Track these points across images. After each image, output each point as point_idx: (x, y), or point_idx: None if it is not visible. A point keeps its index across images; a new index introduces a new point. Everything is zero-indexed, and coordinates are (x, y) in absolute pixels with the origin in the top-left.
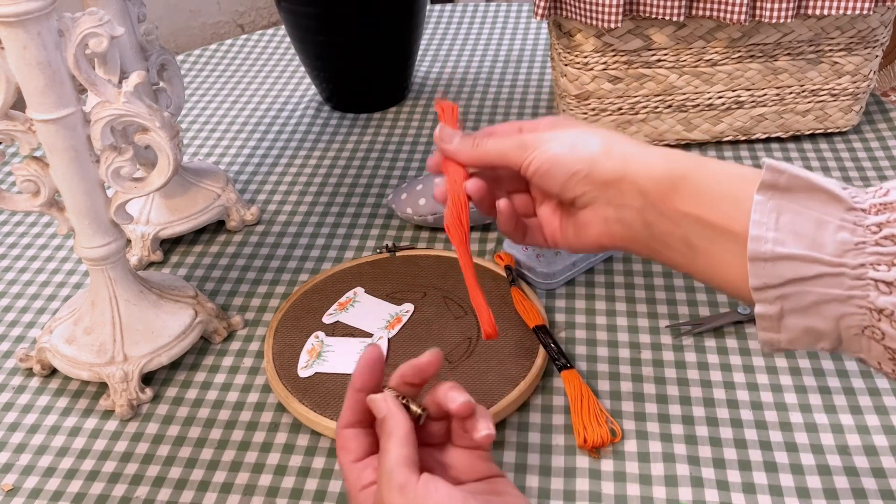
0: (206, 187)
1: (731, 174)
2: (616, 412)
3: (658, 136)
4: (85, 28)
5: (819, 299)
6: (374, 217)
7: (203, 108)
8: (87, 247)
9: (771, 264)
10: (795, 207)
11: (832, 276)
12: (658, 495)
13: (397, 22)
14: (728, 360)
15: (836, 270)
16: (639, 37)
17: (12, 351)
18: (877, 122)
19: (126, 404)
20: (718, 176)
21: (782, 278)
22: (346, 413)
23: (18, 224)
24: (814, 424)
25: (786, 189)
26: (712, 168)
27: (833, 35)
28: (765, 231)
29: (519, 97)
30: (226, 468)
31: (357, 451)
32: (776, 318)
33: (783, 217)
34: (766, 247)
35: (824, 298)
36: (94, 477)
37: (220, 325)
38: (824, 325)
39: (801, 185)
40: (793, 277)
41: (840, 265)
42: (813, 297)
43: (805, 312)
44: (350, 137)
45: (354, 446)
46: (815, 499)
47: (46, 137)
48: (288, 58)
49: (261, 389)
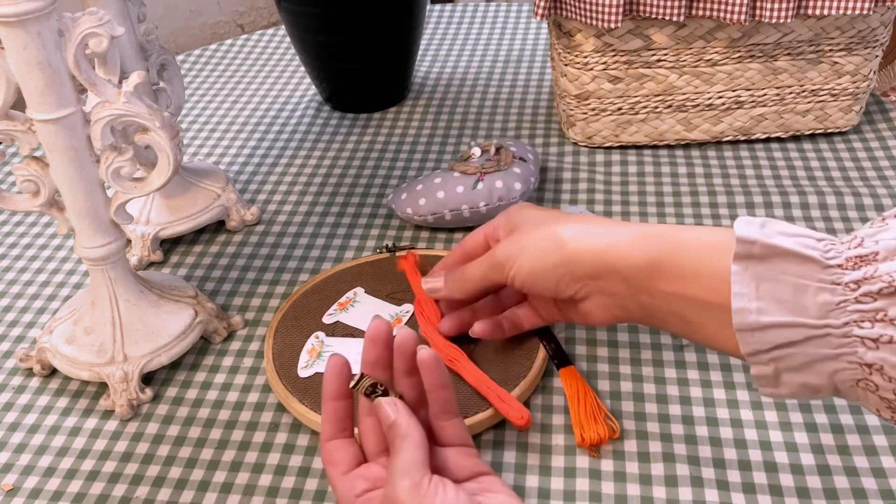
0: (206, 187)
1: (706, 245)
2: (616, 412)
3: (658, 136)
4: (85, 28)
5: (810, 359)
6: (374, 217)
7: (203, 108)
8: (87, 247)
9: (759, 333)
10: (773, 274)
11: (819, 338)
12: (658, 495)
13: (397, 22)
14: (728, 360)
15: (822, 332)
16: (639, 37)
17: (12, 351)
18: (877, 122)
19: (126, 404)
20: (693, 250)
21: (771, 344)
22: (326, 427)
23: (18, 224)
24: (814, 424)
25: (760, 257)
26: (686, 242)
27: (833, 35)
28: (747, 302)
29: (519, 97)
30: (226, 468)
31: (345, 463)
32: (772, 377)
33: (763, 285)
34: (750, 318)
35: (815, 358)
36: (94, 477)
37: (220, 325)
38: (819, 381)
39: (774, 252)
40: (781, 342)
41: (825, 326)
42: (804, 357)
43: (799, 371)
44: (350, 137)
45: (341, 458)
46: (816, 499)
47: (46, 137)
48: (288, 58)
49: (261, 389)
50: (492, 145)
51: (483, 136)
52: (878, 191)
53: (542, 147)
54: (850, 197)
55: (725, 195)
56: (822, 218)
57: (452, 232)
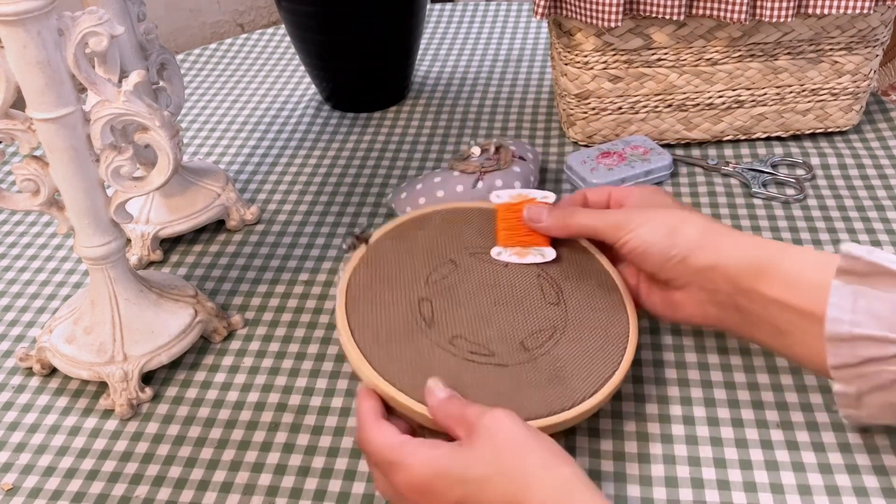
0: (205, 187)
1: (812, 261)
2: (616, 412)
3: (658, 136)
4: (85, 27)
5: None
6: (374, 217)
7: (203, 108)
8: (87, 246)
9: (848, 344)
10: (873, 291)
11: None
12: (658, 496)
13: (397, 22)
14: (728, 360)
15: None
16: (639, 36)
17: (12, 350)
18: (877, 121)
19: (126, 404)
20: (800, 263)
21: (860, 357)
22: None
23: (18, 224)
24: (815, 423)
25: (863, 275)
26: (794, 255)
27: (833, 34)
28: (842, 313)
29: (519, 97)
30: (225, 467)
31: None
32: (854, 396)
33: (860, 300)
34: (843, 328)
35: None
36: (93, 476)
37: (219, 325)
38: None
39: (878, 271)
40: (870, 357)
41: None
42: (891, 375)
43: (884, 389)
44: (350, 137)
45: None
46: (817, 495)
47: (46, 136)
48: (288, 57)
49: (261, 389)
50: (491, 144)
51: (483, 136)
52: (879, 192)
53: (542, 146)
54: (850, 199)
55: (726, 195)
56: (822, 218)
57: None
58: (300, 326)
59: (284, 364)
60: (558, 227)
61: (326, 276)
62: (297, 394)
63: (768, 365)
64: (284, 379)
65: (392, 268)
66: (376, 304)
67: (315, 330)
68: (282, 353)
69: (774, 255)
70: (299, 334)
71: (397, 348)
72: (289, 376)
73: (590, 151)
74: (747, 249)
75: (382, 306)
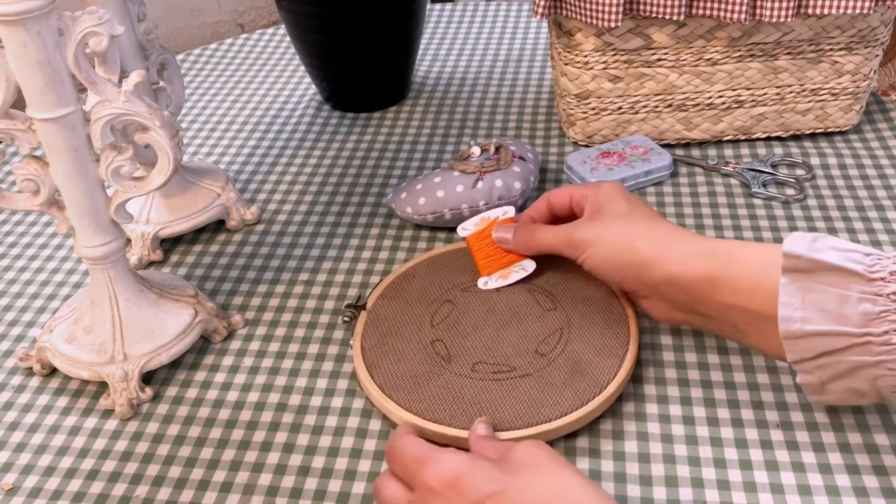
0: (205, 186)
1: (761, 262)
2: (616, 412)
3: (658, 136)
4: (85, 27)
5: (853, 366)
6: (374, 217)
7: (203, 108)
8: (87, 246)
9: (804, 341)
10: (818, 286)
11: (860, 346)
12: (658, 496)
13: (397, 21)
14: (728, 360)
15: (862, 340)
16: (639, 36)
17: (12, 350)
18: (877, 121)
19: (126, 403)
20: (749, 266)
21: (815, 351)
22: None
23: (18, 224)
24: (815, 423)
25: (807, 271)
26: (743, 259)
27: (833, 34)
28: (792, 311)
29: (519, 97)
30: (225, 467)
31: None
32: (818, 385)
33: (808, 296)
34: (795, 326)
35: (857, 365)
36: (93, 476)
37: (220, 325)
38: (863, 386)
39: (820, 266)
40: (825, 350)
41: (866, 335)
42: (846, 364)
43: (843, 377)
44: (350, 137)
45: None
46: (817, 496)
47: (46, 136)
48: (288, 57)
49: (261, 389)
50: (491, 144)
51: (483, 136)
52: (879, 192)
53: (542, 146)
54: (850, 199)
55: (726, 195)
56: (822, 218)
57: (452, 231)
58: (300, 326)
59: (284, 364)
60: (524, 248)
61: (326, 276)
62: (297, 394)
63: (768, 365)
64: (284, 379)
65: (396, 322)
66: (394, 358)
67: (315, 330)
68: (282, 353)
69: (723, 262)
70: (299, 334)
71: (426, 389)
72: (289, 376)
73: (590, 151)
74: (697, 261)
75: (400, 358)
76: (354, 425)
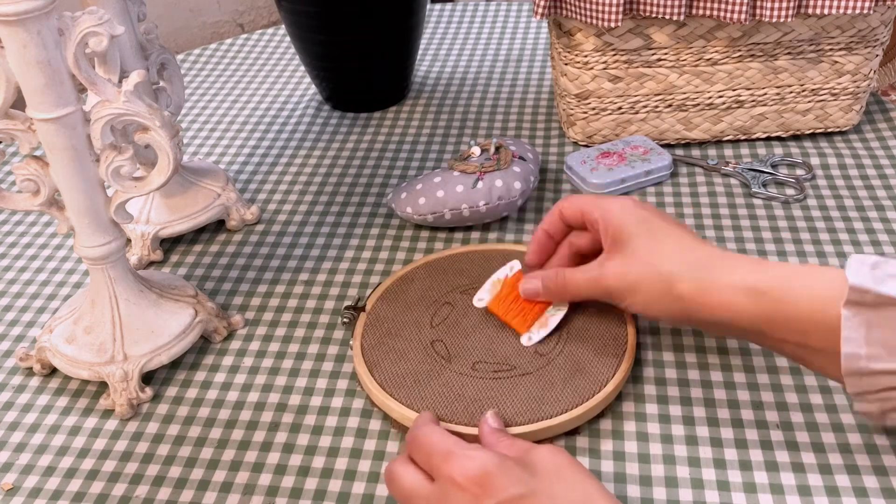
0: (206, 186)
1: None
2: (616, 412)
3: (658, 136)
4: (85, 27)
5: None
6: (374, 217)
7: (203, 108)
8: (87, 246)
9: (868, 378)
10: (884, 322)
11: None
12: (658, 496)
13: (397, 21)
14: (728, 360)
15: None
16: (639, 36)
17: (12, 350)
18: (877, 121)
19: (126, 403)
20: (802, 305)
21: (880, 386)
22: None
23: (18, 224)
24: (815, 424)
25: (872, 305)
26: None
27: (833, 34)
28: (857, 347)
29: (519, 97)
30: (225, 467)
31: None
32: (878, 413)
33: (873, 332)
34: (860, 363)
35: None
36: (93, 476)
37: (220, 325)
38: None
39: (887, 302)
40: (889, 386)
41: None
42: None
43: None
44: (350, 137)
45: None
46: (817, 496)
47: (46, 136)
48: (288, 57)
49: (261, 389)
50: (491, 144)
51: (483, 136)
52: (879, 192)
53: (542, 146)
54: (850, 199)
55: (726, 196)
56: (822, 218)
57: (452, 231)
58: (300, 326)
59: (284, 364)
60: (558, 298)
61: (326, 276)
62: (297, 394)
63: (768, 365)
64: (284, 379)
65: (395, 323)
66: (394, 357)
67: (315, 330)
68: (282, 353)
69: (776, 305)
70: (299, 334)
71: (427, 388)
72: (289, 376)
73: (590, 151)
74: (746, 304)
75: (400, 357)
76: (354, 425)
